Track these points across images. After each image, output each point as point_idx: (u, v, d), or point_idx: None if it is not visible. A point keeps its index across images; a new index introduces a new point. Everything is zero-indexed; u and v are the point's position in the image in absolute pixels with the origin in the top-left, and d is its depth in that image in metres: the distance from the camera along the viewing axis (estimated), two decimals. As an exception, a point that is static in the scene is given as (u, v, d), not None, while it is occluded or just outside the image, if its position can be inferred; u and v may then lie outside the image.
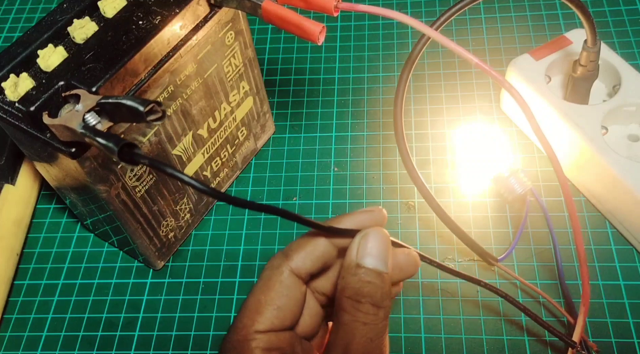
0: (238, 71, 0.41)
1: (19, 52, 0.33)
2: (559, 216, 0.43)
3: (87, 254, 0.45)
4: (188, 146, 0.40)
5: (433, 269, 0.42)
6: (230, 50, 0.39)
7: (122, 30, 0.33)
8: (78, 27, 0.33)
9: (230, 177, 0.47)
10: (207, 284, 0.43)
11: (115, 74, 0.31)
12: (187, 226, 0.44)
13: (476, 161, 0.44)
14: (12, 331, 0.43)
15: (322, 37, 0.32)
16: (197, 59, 0.37)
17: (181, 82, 0.36)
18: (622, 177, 0.39)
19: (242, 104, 0.44)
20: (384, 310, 0.26)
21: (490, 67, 0.31)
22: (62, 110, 0.30)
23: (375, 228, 0.28)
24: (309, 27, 0.32)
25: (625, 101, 0.42)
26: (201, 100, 0.39)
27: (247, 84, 0.43)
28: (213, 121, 0.41)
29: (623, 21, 0.53)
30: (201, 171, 0.43)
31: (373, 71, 0.53)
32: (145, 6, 0.34)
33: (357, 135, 0.49)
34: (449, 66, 0.52)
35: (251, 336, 0.26)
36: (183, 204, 0.42)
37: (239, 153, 0.46)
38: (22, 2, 0.63)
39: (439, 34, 0.32)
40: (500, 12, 0.55)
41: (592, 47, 0.40)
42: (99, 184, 0.35)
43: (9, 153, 0.46)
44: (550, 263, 0.41)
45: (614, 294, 0.39)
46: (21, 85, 0.31)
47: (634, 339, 0.38)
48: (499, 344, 0.38)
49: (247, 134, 0.46)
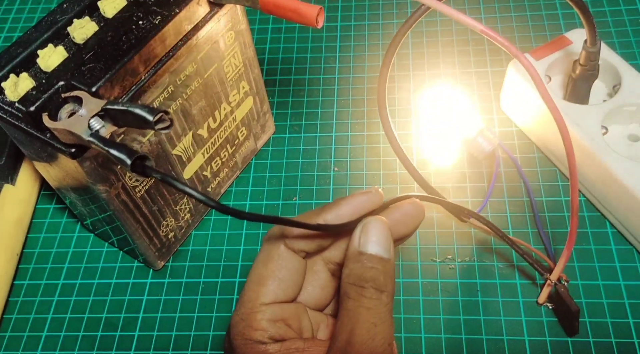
0: (238, 71, 0.41)
1: (19, 52, 0.33)
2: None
3: (87, 254, 0.45)
4: (188, 146, 0.40)
5: (433, 269, 0.42)
6: (230, 50, 0.39)
7: (122, 30, 0.33)
8: (78, 27, 0.33)
9: (230, 177, 0.47)
10: (207, 284, 0.43)
11: (115, 75, 0.31)
12: (187, 226, 0.44)
13: (443, 127, 0.46)
14: (12, 331, 0.43)
15: (320, 19, 0.32)
16: (197, 59, 0.36)
17: (181, 82, 0.36)
18: (622, 177, 0.39)
19: (242, 104, 0.44)
20: (387, 294, 0.27)
21: (496, 33, 0.31)
22: (62, 110, 0.30)
23: (375, 217, 0.28)
24: (306, 10, 0.31)
25: (625, 100, 0.42)
26: (201, 100, 0.39)
27: (247, 84, 0.43)
28: (213, 121, 0.41)
29: (623, 21, 0.53)
30: (201, 171, 0.43)
31: (373, 71, 0.53)
32: (145, 6, 0.34)
33: (357, 135, 0.49)
34: (449, 66, 0.52)
35: (257, 308, 0.27)
36: (183, 204, 0.42)
37: (239, 153, 0.46)
38: (22, 2, 0.63)
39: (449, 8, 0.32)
40: (500, 12, 0.55)
41: (592, 47, 0.40)
42: (99, 184, 0.35)
43: (9, 153, 0.46)
44: (523, 213, 0.43)
45: (614, 294, 0.39)
46: (21, 85, 0.31)
47: (634, 339, 0.38)
48: (499, 344, 0.38)
49: (247, 134, 0.46)
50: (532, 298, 0.40)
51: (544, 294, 0.38)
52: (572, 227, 0.34)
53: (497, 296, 0.40)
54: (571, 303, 0.36)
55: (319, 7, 0.31)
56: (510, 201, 0.44)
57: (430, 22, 0.55)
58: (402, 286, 0.41)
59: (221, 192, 0.47)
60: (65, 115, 0.30)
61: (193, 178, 0.42)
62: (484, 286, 0.41)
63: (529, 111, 0.45)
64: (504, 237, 0.38)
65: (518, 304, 0.40)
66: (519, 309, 0.39)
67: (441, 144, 0.47)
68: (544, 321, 0.39)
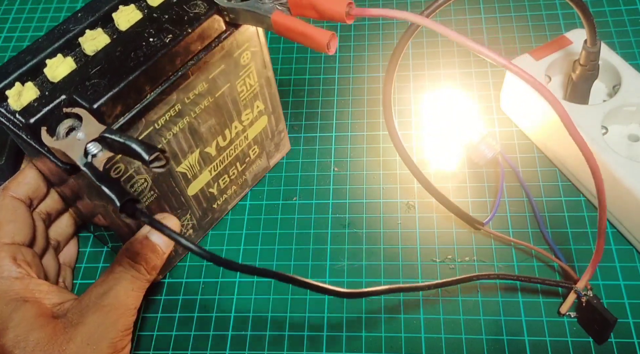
0: (253, 91, 0.40)
1: (28, 60, 0.32)
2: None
3: (87, 254, 0.45)
4: (194, 164, 0.39)
5: (433, 270, 0.42)
6: (245, 70, 0.38)
7: (132, 46, 0.32)
8: (89, 38, 0.33)
9: (239, 194, 0.45)
10: (206, 284, 0.43)
11: (117, 93, 0.31)
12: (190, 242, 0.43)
13: (446, 131, 0.46)
14: (12, 331, 0.42)
15: (332, 45, 0.31)
16: (209, 78, 0.35)
17: (190, 101, 0.35)
18: (622, 177, 0.39)
19: (256, 123, 0.42)
20: (151, 277, 0.36)
21: (491, 50, 0.31)
22: (61, 125, 0.30)
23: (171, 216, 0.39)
24: (318, 36, 0.30)
25: (625, 101, 0.42)
26: (211, 118, 0.37)
27: (262, 103, 0.41)
28: (222, 139, 0.40)
29: (623, 21, 0.53)
30: (207, 188, 0.41)
31: (373, 71, 0.53)
32: (159, 22, 0.33)
33: (357, 135, 0.49)
34: (449, 66, 0.52)
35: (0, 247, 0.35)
36: (186, 220, 0.41)
37: (249, 171, 0.45)
38: (30, 11, 0.63)
39: (462, 36, 0.31)
40: (500, 12, 0.55)
41: (592, 47, 0.40)
42: (95, 199, 0.34)
43: (9, 153, 0.46)
44: (524, 214, 0.42)
45: (614, 294, 0.39)
46: (24, 95, 0.31)
47: (634, 339, 0.38)
48: (499, 344, 0.38)
49: (260, 152, 0.44)
50: (533, 297, 0.40)
51: (568, 304, 0.38)
52: (599, 247, 0.34)
53: (497, 296, 0.40)
54: (607, 313, 0.36)
55: (330, 33, 0.30)
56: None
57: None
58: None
59: (228, 209, 0.45)
60: (64, 130, 0.29)
61: (198, 194, 0.41)
62: (484, 286, 0.41)
63: (529, 111, 0.45)
64: (515, 243, 0.38)
65: (518, 304, 0.40)
66: (519, 309, 0.39)
67: (442, 147, 0.47)
68: (544, 321, 0.39)
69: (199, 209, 0.42)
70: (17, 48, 0.59)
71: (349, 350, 0.39)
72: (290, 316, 0.41)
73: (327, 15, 0.31)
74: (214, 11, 0.33)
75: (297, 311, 0.41)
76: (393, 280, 0.42)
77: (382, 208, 0.45)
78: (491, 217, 0.42)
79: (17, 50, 0.59)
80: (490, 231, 0.42)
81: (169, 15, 0.33)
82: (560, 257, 0.40)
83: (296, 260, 0.43)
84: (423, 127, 0.48)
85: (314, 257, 0.43)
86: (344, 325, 0.40)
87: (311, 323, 0.41)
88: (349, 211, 0.45)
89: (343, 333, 0.40)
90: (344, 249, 0.43)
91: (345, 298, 0.29)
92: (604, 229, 0.33)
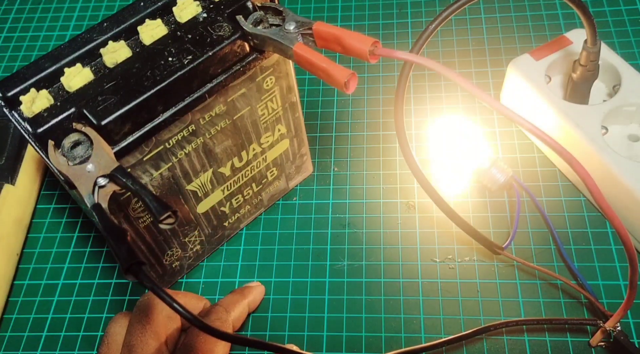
0: (275, 115, 0.39)
1: (47, 67, 0.32)
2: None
3: (87, 254, 0.45)
4: (206, 183, 0.38)
5: (433, 270, 0.42)
6: (268, 95, 0.37)
7: (150, 63, 0.31)
8: (111, 50, 0.32)
9: (253, 214, 0.44)
10: (206, 284, 0.43)
11: (127, 111, 0.30)
12: (197, 257, 0.43)
13: (455, 156, 0.45)
14: (12, 331, 0.43)
15: (351, 85, 0.29)
16: (227, 101, 0.34)
17: (206, 122, 0.34)
18: (622, 177, 0.39)
19: (276, 146, 0.41)
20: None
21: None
22: (66, 139, 0.29)
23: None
24: (337, 73, 0.29)
25: (625, 101, 0.42)
26: (227, 139, 0.37)
27: (284, 127, 0.40)
28: (239, 161, 0.39)
29: (623, 21, 0.53)
30: (219, 206, 0.40)
31: (373, 71, 0.53)
32: (181, 42, 0.32)
33: (357, 135, 0.49)
34: (448, 66, 0.52)
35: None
36: (194, 237, 0.41)
37: (265, 192, 0.44)
38: (52, 19, 0.63)
39: (477, 88, 0.30)
40: (500, 12, 0.55)
41: (592, 47, 0.40)
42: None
43: (9, 153, 0.46)
44: (547, 246, 0.42)
45: (614, 294, 0.39)
46: (37, 103, 0.30)
47: (634, 340, 0.38)
48: (499, 344, 0.38)
49: (278, 174, 0.43)
50: (533, 298, 0.40)
51: (597, 339, 0.37)
52: (631, 296, 0.33)
53: (497, 296, 0.40)
54: (635, 350, 0.36)
55: (350, 72, 0.29)
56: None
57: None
58: (402, 286, 0.41)
59: (240, 227, 0.45)
60: (69, 145, 0.29)
61: (209, 212, 0.40)
62: (484, 286, 0.41)
63: (529, 111, 0.45)
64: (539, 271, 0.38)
65: (518, 304, 0.40)
66: (519, 309, 0.40)
67: (451, 173, 0.46)
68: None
69: (208, 226, 0.41)
70: (26, 56, 0.59)
71: (349, 350, 0.39)
72: (291, 316, 0.41)
73: (351, 52, 0.30)
74: (238, 36, 0.32)
75: (297, 311, 0.41)
76: (393, 280, 0.42)
77: (382, 208, 0.45)
78: (511, 238, 0.41)
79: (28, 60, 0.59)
80: (510, 257, 0.41)
81: (193, 35, 0.32)
82: (589, 291, 0.39)
83: (296, 260, 0.43)
84: (428, 152, 0.47)
85: (314, 257, 0.43)
86: (344, 325, 0.40)
87: (311, 323, 0.41)
88: (349, 211, 0.45)
89: (343, 333, 0.40)
90: (344, 249, 0.43)
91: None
92: (636, 283, 0.32)
